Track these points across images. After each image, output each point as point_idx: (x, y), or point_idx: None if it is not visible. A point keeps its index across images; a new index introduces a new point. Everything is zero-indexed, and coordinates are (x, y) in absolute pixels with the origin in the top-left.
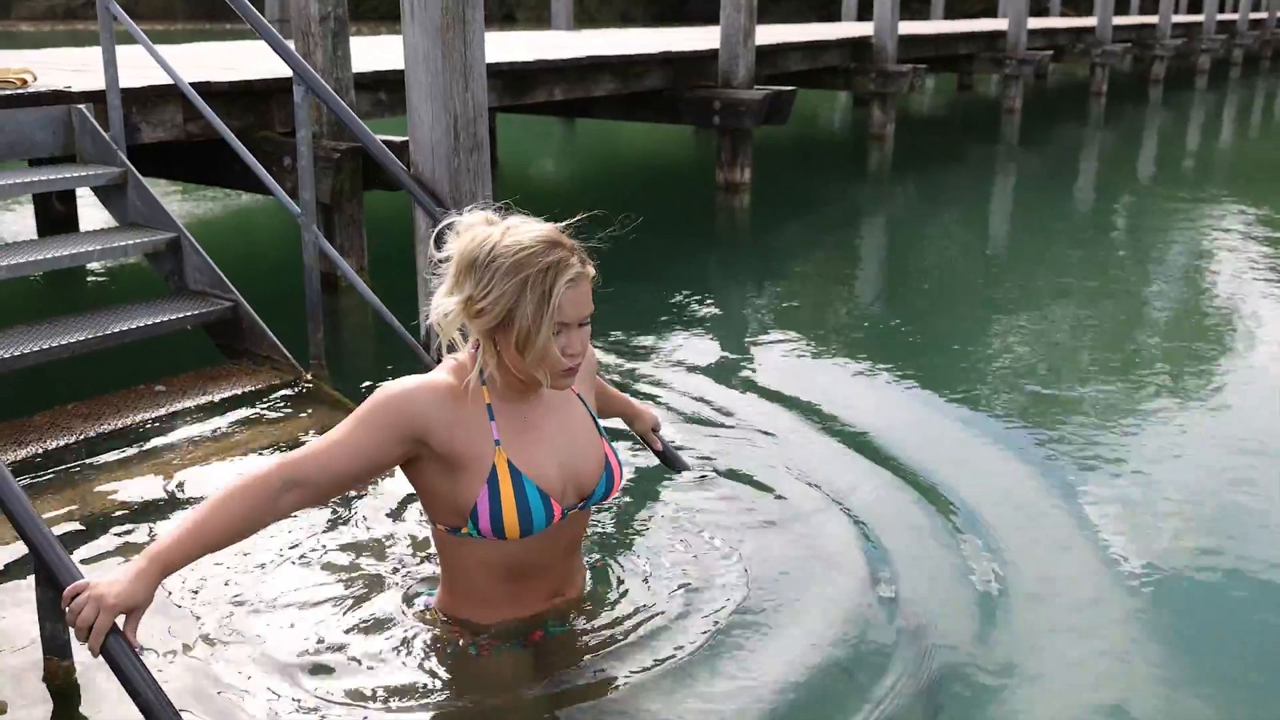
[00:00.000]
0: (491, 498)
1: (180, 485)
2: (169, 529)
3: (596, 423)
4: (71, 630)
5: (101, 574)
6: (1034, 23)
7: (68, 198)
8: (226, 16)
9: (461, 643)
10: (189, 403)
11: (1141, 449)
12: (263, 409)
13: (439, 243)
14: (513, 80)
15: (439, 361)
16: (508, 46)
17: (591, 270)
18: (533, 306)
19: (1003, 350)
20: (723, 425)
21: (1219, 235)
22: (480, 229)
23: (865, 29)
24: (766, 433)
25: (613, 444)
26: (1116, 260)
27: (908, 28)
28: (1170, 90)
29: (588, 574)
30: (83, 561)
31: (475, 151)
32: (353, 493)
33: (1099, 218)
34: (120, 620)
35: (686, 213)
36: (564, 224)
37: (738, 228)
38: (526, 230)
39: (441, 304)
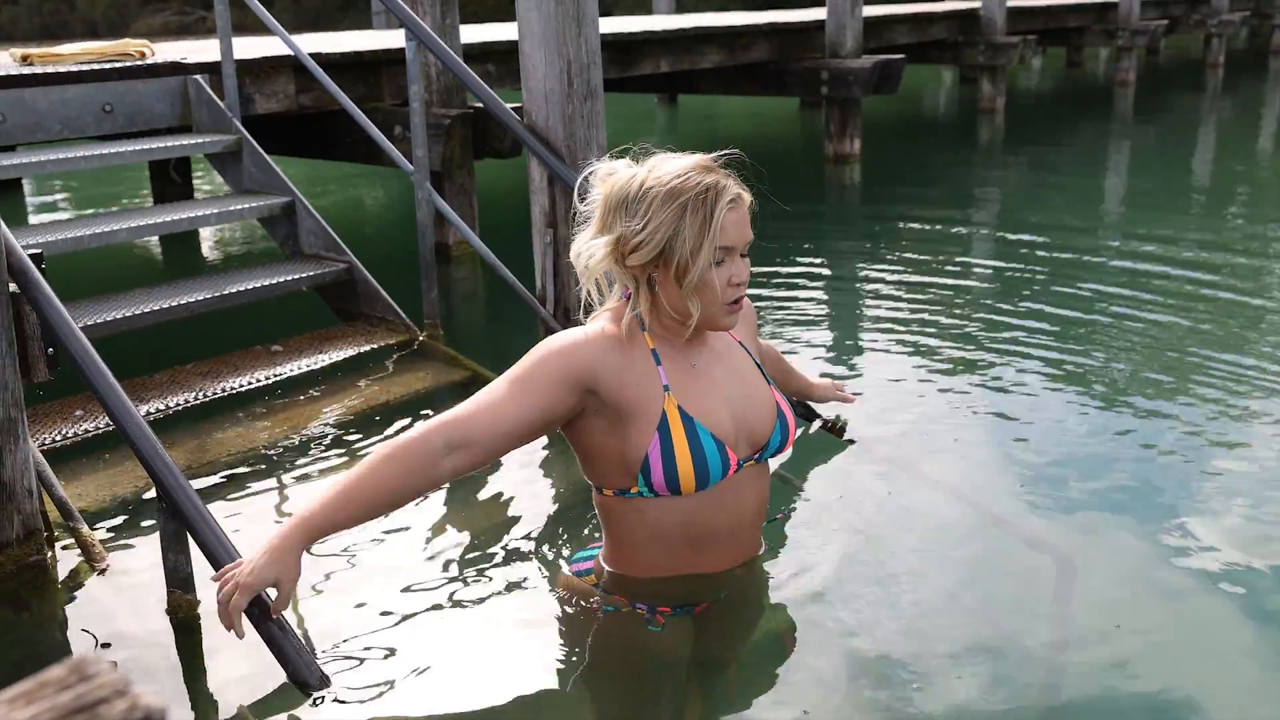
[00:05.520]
0: (664, 446)
1: (301, 441)
2: (317, 495)
3: (763, 370)
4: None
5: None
6: None
7: (183, 171)
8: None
9: (632, 611)
10: (306, 362)
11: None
12: (380, 368)
13: (581, 195)
14: (618, 52)
15: (557, 318)
16: (612, 21)
17: (749, 196)
18: (693, 231)
19: (1124, 331)
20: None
21: None
22: (624, 170)
23: (973, 2)
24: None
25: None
26: (1240, 240)
27: (1016, 0)
28: None
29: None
30: None
31: (589, 99)
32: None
33: (1220, 196)
34: (272, 592)
35: (797, 186)
36: (713, 155)
37: (850, 199)
38: (676, 161)
39: (588, 247)
